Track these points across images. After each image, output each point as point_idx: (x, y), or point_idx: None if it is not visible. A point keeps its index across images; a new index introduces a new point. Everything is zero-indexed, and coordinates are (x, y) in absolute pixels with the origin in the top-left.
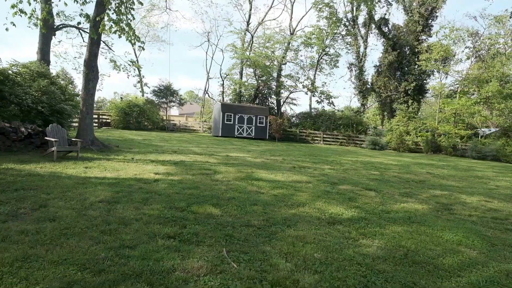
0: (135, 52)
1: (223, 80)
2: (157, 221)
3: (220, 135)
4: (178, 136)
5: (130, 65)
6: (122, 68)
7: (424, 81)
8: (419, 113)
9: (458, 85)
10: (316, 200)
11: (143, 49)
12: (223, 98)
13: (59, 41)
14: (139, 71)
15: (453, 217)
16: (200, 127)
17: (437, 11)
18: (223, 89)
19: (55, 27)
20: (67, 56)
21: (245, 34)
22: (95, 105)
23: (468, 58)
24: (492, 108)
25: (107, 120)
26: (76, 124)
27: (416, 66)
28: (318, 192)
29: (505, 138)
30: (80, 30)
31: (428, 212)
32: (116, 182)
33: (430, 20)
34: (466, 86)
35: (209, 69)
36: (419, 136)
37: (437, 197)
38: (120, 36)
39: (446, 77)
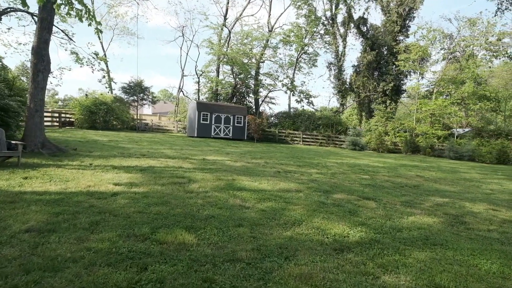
0: (102, 46)
1: (198, 78)
2: (105, 260)
3: (195, 135)
4: (149, 137)
5: (94, 58)
6: (86, 62)
7: (402, 82)
8: (396, 114)
9: (434, 86)
10: (312, 215)
11: (101, 31)
12: (198, 96)
13: (8, 28)
14: (107, 65)
15: (473, 234)
16: (174, 127)
17: (414, 12)
18: (198, 87)
19: (0, 10)
20: (22, 46)
21: (222, 29)
22: (60, 104)
23: (444, 59)
24: (467, 109)
25: (70, 119)
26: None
27: (394, 67)
28: (312, 203)
29: (479, 138)
30: (33, 16)
31: (442, 227)
32: (60, 199)
33: (408, 21)
34: (441, 87)
35: (184, 66)
36: (397, 136)
37: (442, 207)
38: (69, 14)
39: (422, 78)
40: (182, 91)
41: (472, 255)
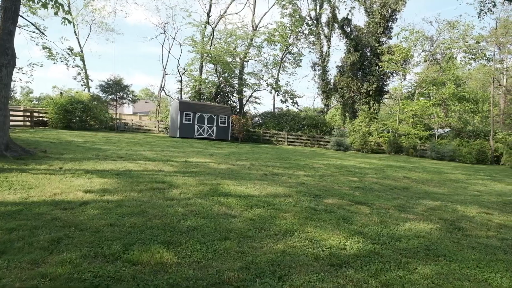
0: (78, 42)
1: (181, 76)
2: None
3: (178, 135)
4: (129, 137)
5: (69, 54)
6: (60, 58)
7: (384, 83)
8: (379, 114)
9: (415, 87)
10: (304, 224)
11: (69, 21)
12: (181, 95)
13: None
14: (83, 61)
15: (474, 242)
16: (155, 127)
17: (396, 13)
18: (181, 86)
19: None
20: None
21: (205, 27)
22: (36, 102)
23: (425, 61)
24: (448, 110)
25: (44, 119)
26: None
27: (377, 68)
28: (303, 210)
29: (459, 139)
30: None
31: (441, 235)
32: (17, 211)
33: (390, 23)
34: (422, 88)
35: (166, 64)
36: (381, 137)
37: (435, 211)
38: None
39: (404, 79)
40: (164, 90)
41: (479, 268)
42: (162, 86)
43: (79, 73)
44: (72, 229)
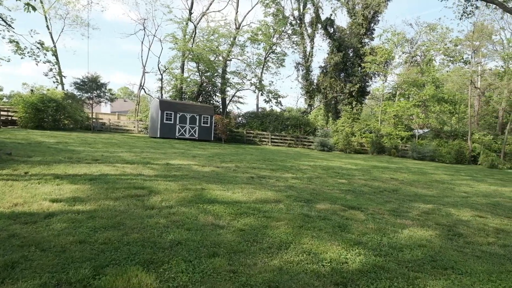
0: (51, 37)
1: (161, 75)
2: None
3: (158, 136)
4: (106, 138)
5: (39, 48)
6: (28, 52)
7: (367, 83)
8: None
9: (397, 88)
10: (299, 234)
11: (34, 9)
12: (161, 94)
13: None
14: (56, 57)
15: (477, 250)
16: (135, 127)
17: (378, 15)
18: (161, 84)
19: None
20: None
21: (187, 24)
22: (5, 101)
23: (405, 63)
24: (428, 111)
25: (13, 118)
26: None
27: (359, 68)
28: (295, 218)
29: (439, 139)
30: None
31: (442, 243)
32: None
33: (373, 24)
34: (403, 90)
35: (146, 62)
36: (363, 137)
37: (430, 215)
38: None
39: (385, 81)
40: (144, 89)
41: (491, 281)
42: (142, 84)
43: (51, 69)
44: (32, 249)
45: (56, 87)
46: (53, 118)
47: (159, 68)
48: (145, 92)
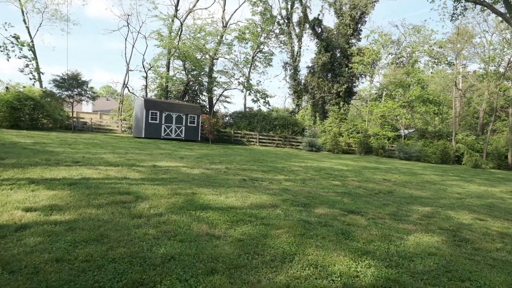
0: (29, 31)
1: (146, 73)
2: None
3: (143, 136)
4: (87, 138)
5: (14, 43)
6: (1, 47)
7: (354, 84)
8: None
9: (383, 89)
10: (302, 243)
11: None
12: (146, 93)
13: None
14: (34, 52)
15: (488, 257)
16: (118, 127)
17: (365, 16)
18: (146, 83)
19: None
20: None
21: (173, 21)
22: None
23: (392, 63)
24: (414, 112)
25: None
26: None
27: (347, 69)
28: (295, 225)
29: (424, 139)
30: None
31: (452, 250)
32: None
33: (360, 25)
34: (389, 90)
35: (130, 60)
36: (351, 137)
37: (430, 218)
38: None
39: (372, 82)
40: (128, 87)
41: None
42: (126, 82)
43: (27, 65)
44: None
45: (33, 84)
46: (30, 117)
47: (143, 66)
48: (128, 90)
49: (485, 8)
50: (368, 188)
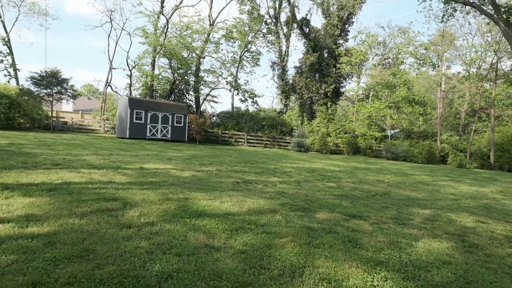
0: (4, 26)
1: (130, 71)
2: None
3: (127, 136)
4: (68, 139)
5: None
6: None
7: (341, 84)
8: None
9: (370, 90)
10: (309, 253)
11: None
12: (130, 92)
13: None
14: (10, 48)
15: (502, 264)
16: (100, 127)
17: (353, 17)
18: (130, 81)
19: None
20: None
21: (158, 17)
22: None
23: (378, 64)
24: (400, 112)
25: None
26: None
27: (334, 69)
28: (299, 232)
29: (410, 139)
30: None
31: (465, 258)
32: None
33: (347, 25)
34: (376, 91)
35: (113, 57)
36: (339, 137)
37: (433, 222)
38: None
39: (359, 82)
40: (111, 86)
41: None
42: (108, 81)
43: (2, 61)
44: None
45: (9, 81)
46: (6, 117)
47: (128, 64)
48: (112, 89)
49: (470, 11)
50: (364, 190)
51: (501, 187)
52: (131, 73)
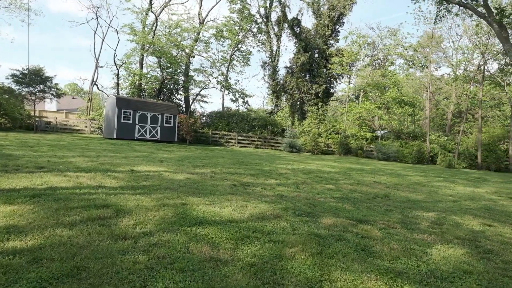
0: None
1: (118, 69)
2: None
3: (115, 137)
4: (52, 139)
5: None
6: None
7: (332, 85)
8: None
9: (360, 90)
10: (323, 265)
11: None
12: (118, 91)
13: None
14: None
15: None
16: (86, 127)
17: (343, 17)
18: (117, 80)
19: None
20: None
21: (147, 14)
22: None
23: (368, 65)
24: (390, 113)
25: None
26: None
27: (325, 70)
28: (308, 240)
29: (400, 140)
30: None
31: (483, 266)
32: None
33: (338, 26)
34: (366, 91)
35: (99, 55)
36: (330, 138)
37: (441, 226)
38: None
39: (349, 83)
40: (97, 85)
41: None
42: (95, 80)
43: None
44: None
45: None
46: None
47: (115, 62)
48: (98, 88)
49: (459, 13)
50: (364, 192)
51: (494, 188)
52: (118, 72)
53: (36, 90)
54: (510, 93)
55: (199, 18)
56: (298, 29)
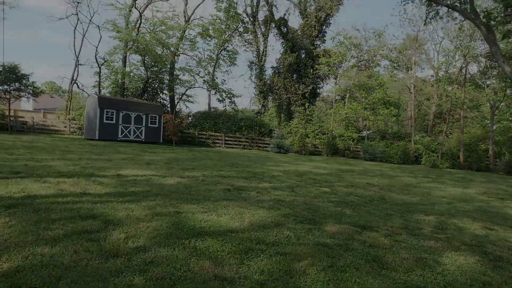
0: None
1: (99, 67)
2: None
3: (97, 138)
4: (29, 141)
5: None
6: None
7: (318, 86)
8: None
9: (347, 91)
10: (337, 279)
11: None
12: (99, 90)
13: None
14: None
15: None
16: (66, 127)
17: (330, 18)
18: (99, 78)
19: None
20: None
21: (130, 11)
22: None
23: (355, 66)
24: (376, 114)
25: None
26: None
27: (311, 70)
28: (316, 252)
29: (385, 140)
30: None
31: (498, 276)
32: None
33: (324, 27)
34: (352, 92)
35: (79, 52)
36: (317, 138)
37: (444, 231)
38: None
39: (336, 83)
40: (77, 83)
41: None
42: (74, 78)
43: None
44: None
45: None
46: None
47: (96, 60)
48: (78, 87)
49: (443, 16)
50: (359, 195)
51: (482, 188)
52: (100, 70)
53: (11, 88)
54: (489, 94)
55: (185, 16)
56: (285, 29)
